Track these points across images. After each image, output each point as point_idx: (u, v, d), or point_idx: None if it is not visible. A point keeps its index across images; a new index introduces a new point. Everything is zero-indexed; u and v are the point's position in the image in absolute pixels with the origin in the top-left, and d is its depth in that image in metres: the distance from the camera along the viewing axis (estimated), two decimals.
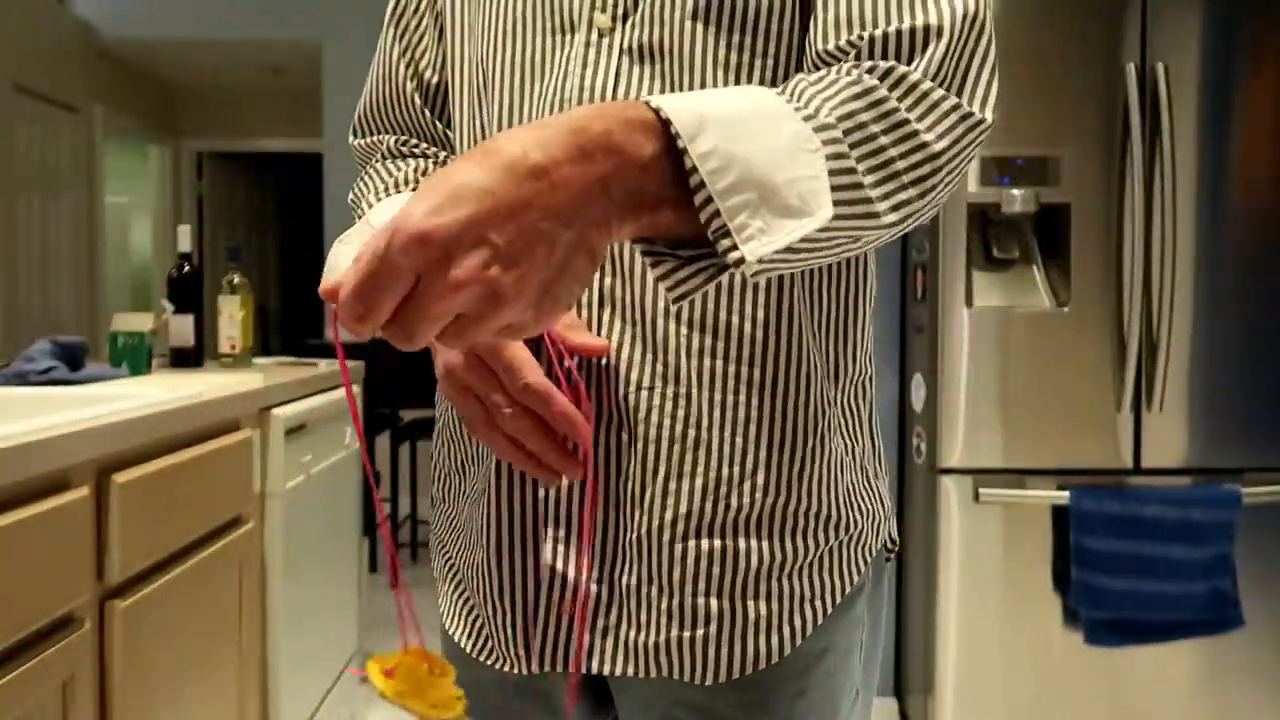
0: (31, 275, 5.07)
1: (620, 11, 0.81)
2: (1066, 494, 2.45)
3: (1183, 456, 2.51)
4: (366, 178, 0.97)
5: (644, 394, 0.80)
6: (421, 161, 0.96)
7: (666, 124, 0.60)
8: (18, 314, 4.92)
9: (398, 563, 0.66)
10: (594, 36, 0.81)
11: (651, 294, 0.80)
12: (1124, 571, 2.42)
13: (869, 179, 0.66)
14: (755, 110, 0.64)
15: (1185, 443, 2.51)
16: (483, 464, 0.87)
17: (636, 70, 0.80)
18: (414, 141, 0.98)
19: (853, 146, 0.66)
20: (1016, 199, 2.46)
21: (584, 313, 0.80)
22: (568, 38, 0.82)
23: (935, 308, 2.53)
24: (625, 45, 0.80)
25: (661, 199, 0.60)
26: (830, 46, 0.75)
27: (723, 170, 0.59)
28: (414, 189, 0.90)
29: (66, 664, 1.34)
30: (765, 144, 0.62)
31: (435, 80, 0.96)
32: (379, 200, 0.92)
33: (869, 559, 0.88)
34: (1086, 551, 2.43)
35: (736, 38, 0.79)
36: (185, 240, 2.49)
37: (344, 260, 0.75)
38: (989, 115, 0.73)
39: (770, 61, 0.80)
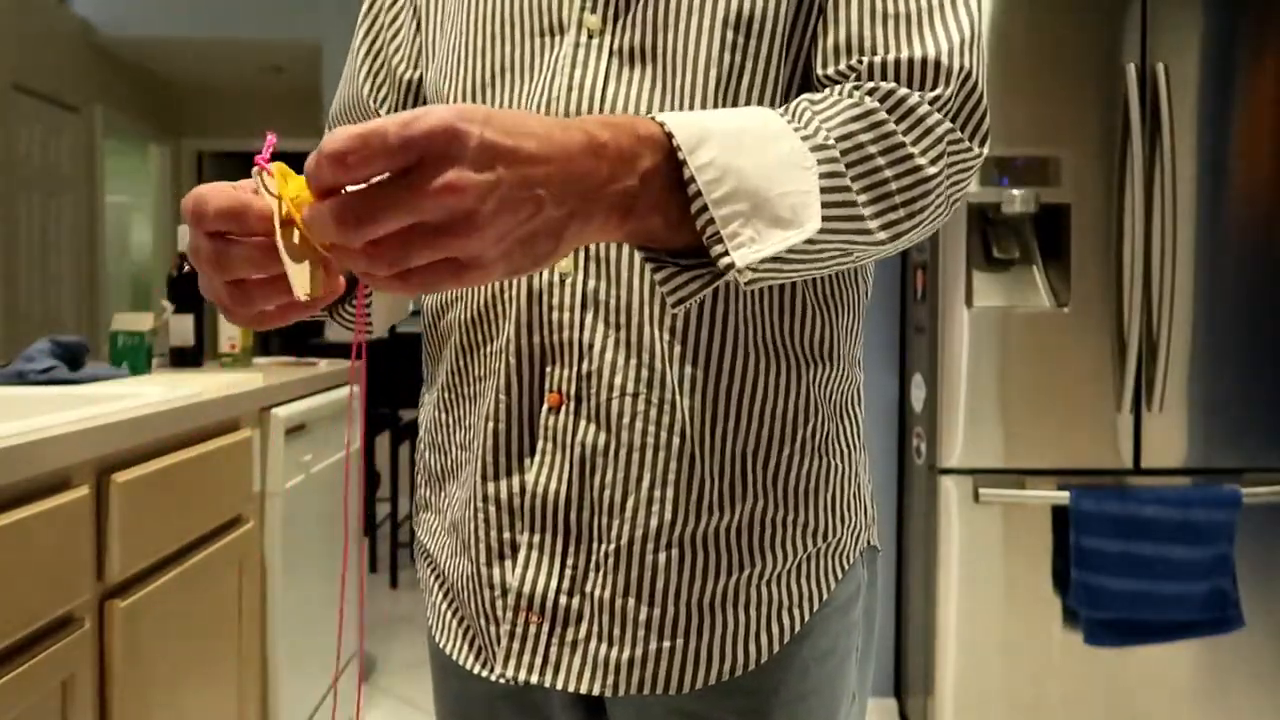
0: (31, 275, 5.07)
1: (611, 13, 0.80)
2: (1066, 494, 2.45)
3: (1182, 457, 2.51)
4: None
5: (628, 400, 0.79)
6: None
7: (670, 136, 0.62)
8: (18, 314, 4.92)
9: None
10: (584, 37, 0.80)
11: (638, 299, 0.79)
12: (1124, 572, 2.42)
13: (863, 197, 0.69)
14: (756, 128, 0.66)
15: (1185, 443, 2.51)
16: (467, 468, 0.86)
17: (627, 72, 0.79)
18: None
19: (849, 166, 0.69)
20: (1016, 199, 2.45)
21: (568, 314, 0.79)
22: (556, 39, 0.81)
23: (935, 308, 2.53)
24: (615, 47, 0.79)
25: (654, 206, 0.61)
26: (831, 71, 0.77)
27: (719, 181, 0.62)
28: None
29: (66, 664, 1.34)
30: (761, 159, 0.64)
31: (410, 75, 0.94)
32: None
33: (846, 567, 0.87)
34: (1086, 552, 2.43)
35: (730, 41, 0.78)
36: (185, 240, 2.49)
37: None
38: (984, 149, 0.76)
39: (763, 65, 0.79)
